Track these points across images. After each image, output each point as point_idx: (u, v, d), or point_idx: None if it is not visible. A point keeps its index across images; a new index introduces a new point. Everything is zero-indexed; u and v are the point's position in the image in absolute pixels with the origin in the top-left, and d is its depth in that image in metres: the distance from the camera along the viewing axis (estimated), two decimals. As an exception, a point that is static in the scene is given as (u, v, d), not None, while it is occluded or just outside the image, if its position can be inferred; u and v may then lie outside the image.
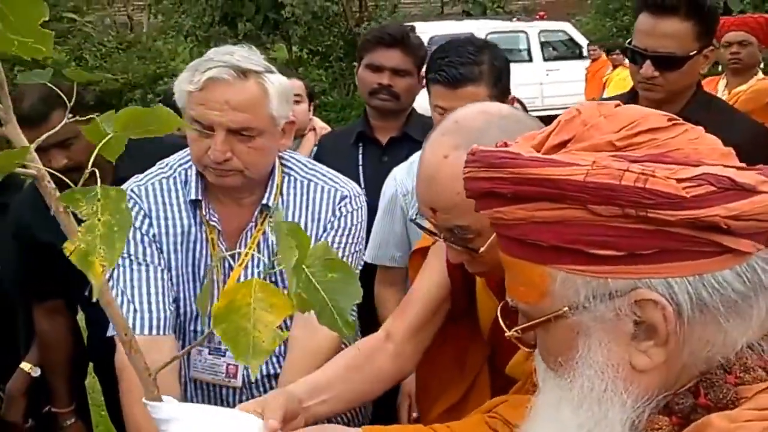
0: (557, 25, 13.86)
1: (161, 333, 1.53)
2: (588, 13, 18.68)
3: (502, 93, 1.84)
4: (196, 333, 1.65)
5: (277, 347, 1.65)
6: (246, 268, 1.62)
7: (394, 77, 2.31)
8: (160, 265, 1.58)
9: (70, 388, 2.30)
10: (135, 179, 1.63)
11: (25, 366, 2.28)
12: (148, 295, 1.54)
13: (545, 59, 13.15)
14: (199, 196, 1.60)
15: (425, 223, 1.26)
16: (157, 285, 1.55)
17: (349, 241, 1.64)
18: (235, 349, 0.77)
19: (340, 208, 1.64)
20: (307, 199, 1.64)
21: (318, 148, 2.74)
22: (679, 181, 0.65)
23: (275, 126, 1.56)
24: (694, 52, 1.87)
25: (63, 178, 0.80)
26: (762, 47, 3.58)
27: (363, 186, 1.75)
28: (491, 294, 1.37)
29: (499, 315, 0.85)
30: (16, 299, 2.27)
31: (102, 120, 0.76)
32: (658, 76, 1.87)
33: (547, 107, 11.60)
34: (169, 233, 1.59)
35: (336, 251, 1.59)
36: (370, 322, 1.77)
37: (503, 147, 0.75)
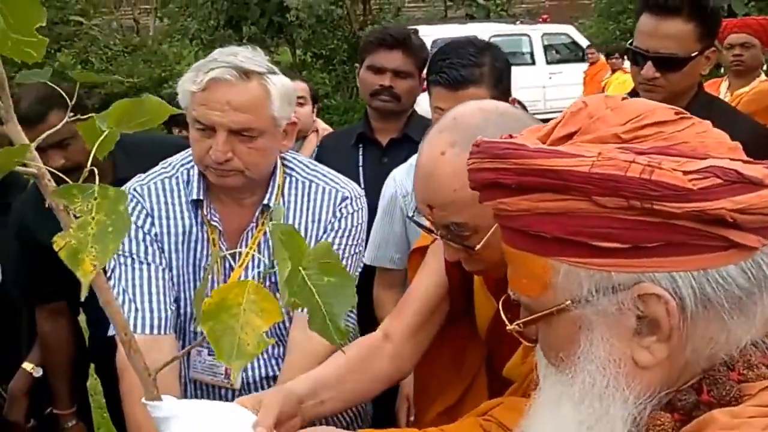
0: (560, 28, 13.83)
1: (162, 333, 1.53)
2: (591, 16, 18.68)
3: (503, 94, 1.82)
4: (196, 333, 1.64)
5: (276, 349, 1.66)
6: (246, 268, 1.61)
7: (395, 79, 2.31)
8: (162, 265, 1.58)
9: (72, 390, 2.30)
10: (137, 179, 1.64)
11: (27, 366, 2.28)
12: (149, 294, 1.54)
13: (548, 62, 13.14)
14: (200, 196, 1.60)
15: (423, 220, 1.26)
16: (159, 284, 1.55)
17: (349, 243, 1.63)
18: (219, 349, 0.75)
19: (340, 209, 1.63)
20: (307, 200, 1.64)
21: (319, 148, 2.73)
22: (685, 173, 0.64)
23: (276, 127, 1.57)
24: (696, 53, 1.86)
25: (65, 178, 0.81)
26: (765, 49, 3.56)
27: (363, 187, 1.75)
28: (489, 294, 1.37)
29: (500, 308, 0.84)
30: (18, 299, 2.28)
31: (97, 119, 0.76)
32: (659, 77, 1.86)
33: (550, 110, 11.59)
34: (170, 233, 1.59)
35: (336, 252, 1.59)
36: (368, 324, 1.77)
37: (508, 139, 0.74)
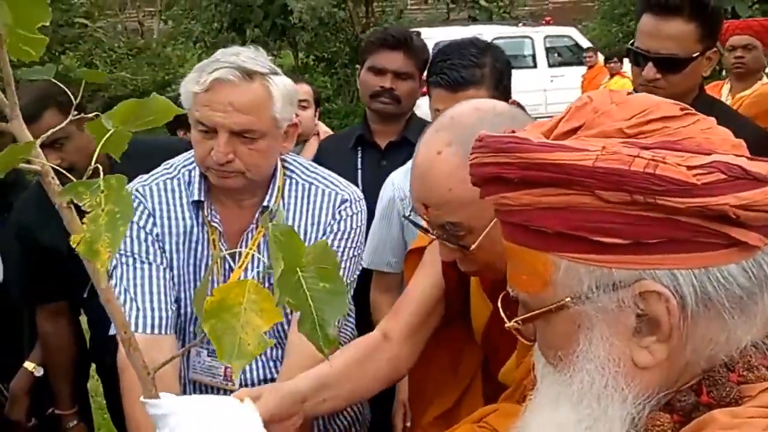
0: (563, 30, 13.76)
1: (162, 332, 1.53)
2: (594, 18, 18.67)
3: (503, 95, 1.81)
4: (196, 334, 1.64)
5: (275, 351, 1.66)
6: (246, 269, 1.62)
7: (396, 80, 2.30)
8: (163, 265, 1.58)
9: (73, 390, 2.31)
10: (140, 179, 1.64)
11: (28, 365, 2.29)
12: (150, 294, 1.54)
13: (550, 65, 13.07)
14: (201, 197, 1.61)
15: (419, 220, 1.26)
16: (160, 284, 1.56)
17: (348, 245, 1.64)
18: (220, 348, 0.76)
19: (340, 212, 1.64)
20: (307, 202, 1.65)
21: (318, 150, 2.73)
22: (689, 168, 0.64)
23: (278, 128, 1.57)
24: (697, 53, 1.84)
25: (68, 176, 0.81)
26: (767, 51, 3.56)
27: (361, 190, 1.75)
28: (485, 297, 1.36)
29: (499, 305, 0.83)
30: (19, 300, 2.28)
31: (102, 117, 0.76)
32: (660, 78, 1.84)
33: (551, 114, 11.51)
34: (171, 233, 1.60)
35: (335, 255, 1.59)
36: (366, 328, 1.77)
37: (511, 133, 0.74)
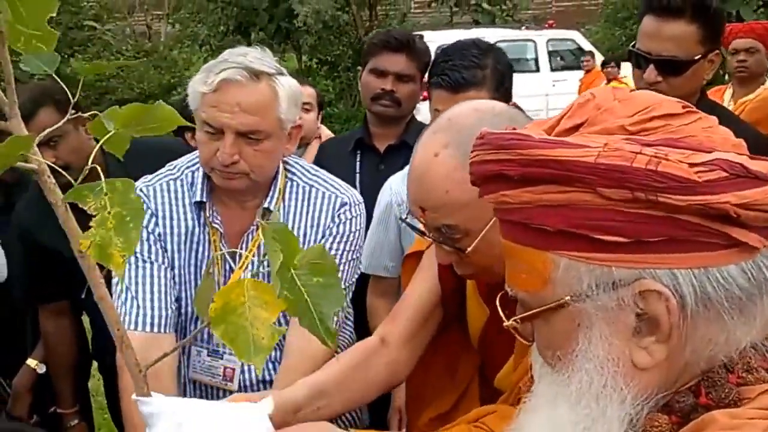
0: (566, 33, 13.75)
1: (162, 331, 1.54)
2: (597, 22, 18.67)
3: (503, 98, 1.81)
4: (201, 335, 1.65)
5: (273, 353, 1.67)
6: (246, 270, 1.62)
7: (397, 83, 2.31)
8: (164, 264, 1.59)
9: (75, 390, 2.33)
10: (144, 179, 1.66)
11: (31, 363, 2.32)
12: (152, 293, 1.55)
13: (552, 69, 13.01)
14: (203, 198, 1.61)
15: (416, 222, 1.25)
16: (161, 283, 1.57)
17: (346, 248, 1.64)
18: (237, 349, 0.77)
19: (339, 215, 1.64)
20: (307, 205, 1.65)
21: (318, 152, 2.74)
22: (691, 165, 0.64)
23: (282, 129, 1.58)
24: (699, 56, 1.83)
25: (66, 176, 0.81)
26: (770, 55, 3.55)
27: (359, 194, 1.75)
28: (481, 301, 1.36)
29: (498, 305, 0.83)
30: (21, 299, 2.29)
31: (104, 117, 0.76)
32: (662, 81, 1.82)
33: (553, 119, 11.50)
34: (173, 233, 1.61)
35: (333, 258, 1.60)
36: (365, 332, 1.76)
37: (513, 130, 0.73)
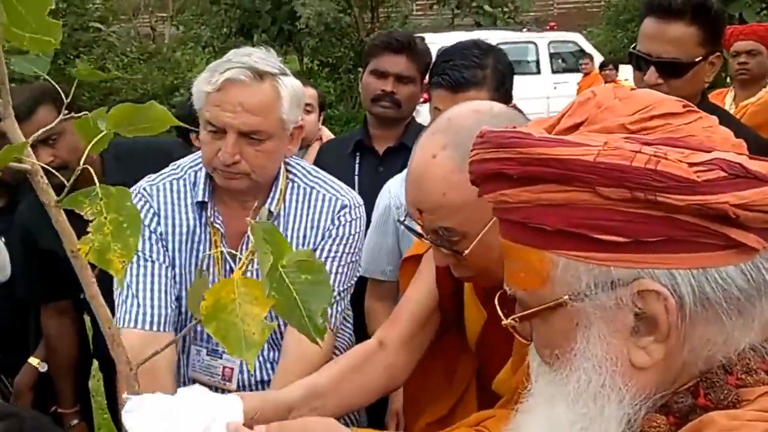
0: (567, 36, 13.70)
1: (161, 329, 1.55)
2: (599, 24, 18.66)
3: (503, 98, 1.81)
4: (197, 333, 1.66)
5: (271, 353, 1.67)
6: (245, 270, 1.62)
7: (397, 84, 2.31)
8: (165, 263, 1.60)
9: (75, 389, 2.34)
10: (148, 179, 1.67)
11: (32, 361, 2.32)
12: (152, 291, 1.56)
13: (554, 71, 12.95)
14: (205, 198, 1.62)
15: (414, 225, 1.25)
16: (161, 282, 1.58)
17: (346, 250, 1.65)
18: (228, 345, 0.77)
19: (339, 217, 1.65)
20: (307, 206, 1.66)
21: (318, 154, 2.74)
22: (690, 164, 0.64)
23: (284, 130, 1.59)
24: (699, 58, 1.82)
25: (59, 177, 0.81)
26: (772, 57, 3.53)
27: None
28: (479, 304, 1.35)
29: (496, 304, 0.83)
30: (23, 299, 2.30)
31: (93, 117, 0.76)
32: (662, 84, 1.81)
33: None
34: (175, 232, 1.62)
35: (333, 260, 1.61)
36: (363, 336, 1.76)
37: (513, 129, 0.73)
